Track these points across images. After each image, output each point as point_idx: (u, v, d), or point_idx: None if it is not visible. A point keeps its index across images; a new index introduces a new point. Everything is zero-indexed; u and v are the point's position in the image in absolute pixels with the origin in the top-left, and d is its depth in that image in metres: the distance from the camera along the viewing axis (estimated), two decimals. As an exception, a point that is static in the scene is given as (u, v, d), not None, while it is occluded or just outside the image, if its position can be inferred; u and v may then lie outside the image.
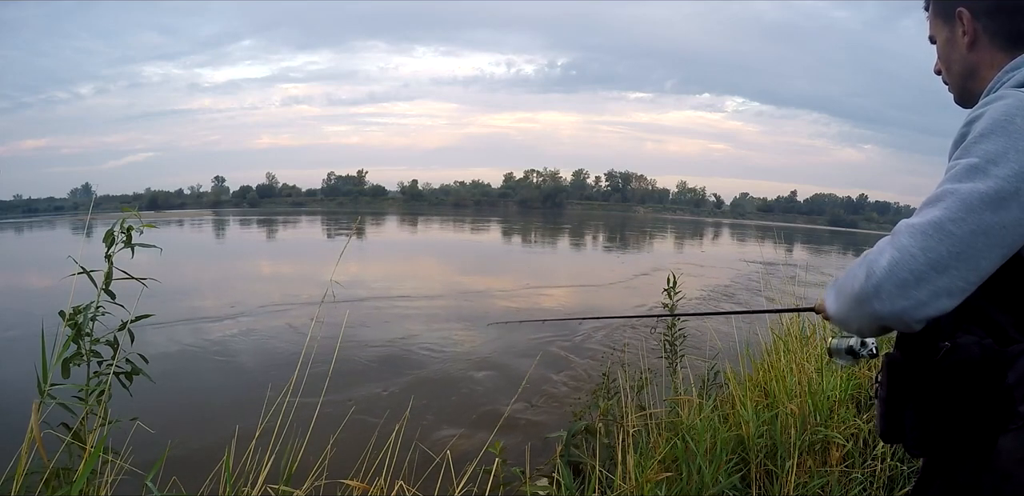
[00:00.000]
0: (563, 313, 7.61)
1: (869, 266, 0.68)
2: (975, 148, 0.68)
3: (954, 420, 0.75)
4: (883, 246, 0.69)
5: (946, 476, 0.79)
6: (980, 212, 0.64)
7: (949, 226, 0.64)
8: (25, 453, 1.24)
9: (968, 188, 0.65)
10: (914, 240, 0.65)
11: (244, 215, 52.06)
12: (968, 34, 0.83)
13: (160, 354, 5.08)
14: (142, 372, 1.56)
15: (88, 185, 77.55)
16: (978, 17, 0.82)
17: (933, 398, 0.76)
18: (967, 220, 0.64)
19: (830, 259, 17.72)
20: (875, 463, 2.18)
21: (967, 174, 0.66)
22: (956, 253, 0.64)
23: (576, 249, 20.93)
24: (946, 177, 0.69)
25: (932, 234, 0.65)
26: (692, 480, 2.02)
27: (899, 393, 0.81)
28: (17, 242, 24.82)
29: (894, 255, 0.66)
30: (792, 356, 3.04)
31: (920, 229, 0.65)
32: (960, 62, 0.86)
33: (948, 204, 0.65)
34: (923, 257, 0.64)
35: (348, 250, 2.08)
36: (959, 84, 0.88)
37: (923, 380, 0.77)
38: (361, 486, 1.59)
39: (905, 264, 0.65)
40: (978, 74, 0.85)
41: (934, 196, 0.68)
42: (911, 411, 0.80)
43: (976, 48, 0.84)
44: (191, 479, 1.74)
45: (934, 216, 0.65)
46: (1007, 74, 0.78)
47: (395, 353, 5.58)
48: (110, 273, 1.52)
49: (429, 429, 3.55)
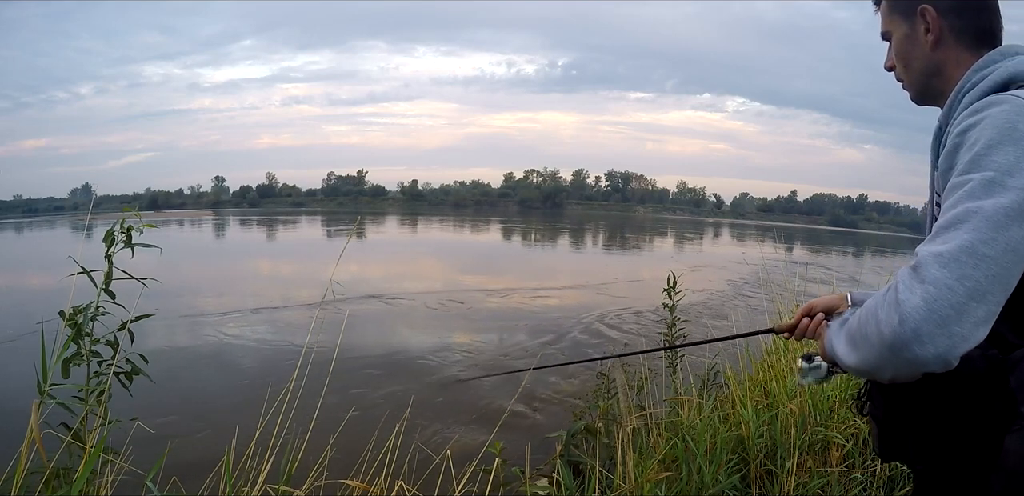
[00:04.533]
0: (563, 313, 7.60)
1: (901, 308, 0.60)
2: (986, 161, 0.64)
3: (958, 430, 0.74)
4: (907, 282, 0.62)
5: (950, 478, 0.78)
6: (1008, 228, 0.61)
7: (982, 249, 0.60)
8: (25, 453, 1.24)
9: (992, 205, 0.61)
10: (948, 271, 0.60)
11: (244, 215, 52.04)
12: (933, 32, 0.82)
13: (160, 354, 5.08)
14: (142, 372, 1.56)
15: (88, 185, 77.55)
16: (944, 15, 0.81)
17: (936, 414, 0.75)
18: (998, 239, 0.60)
19: (830, 259, 17.69)
20: (875, 463, 2.18)
21: (986, 190, 0.62)
22: (993, 276, 0.60)
23: (576, 249, 20.92)
24: (961, 194, 0.64)
25: (967, 261, 0.60)
26: (692, 480, 2.02)
27: (898, 414, 0.80)
28: (17, 242, 24.80)
29: (929, 291, 0.59)
30: (792, 356, 3.04)
31: (952, 257, 0.60)
32: (922, 59, 0.84)
33: (976, 225, 0.61)
34: (961, 288, 0.59)
35: (348, 250, 2.08)
36: (920, 82, 0.86)
37: (926, 398, 0.76)
38: (361, 486, 1.59)
39: (944, 299, 0.59)
40: (943, 72, 0.83)
41: (954, 217, 0.63)
42: (912, 430, 0.79)
43: (941, 46, 0.82)
44: (191, 479, 1.74)
45: (964, 240, 0.60)
46: (976, 73, 0.77)
47: (395, 353, 5.58)
48: (110, 273, 1.52)
49: (429, 429, 3.55)
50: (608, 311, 7.63)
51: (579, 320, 7.09)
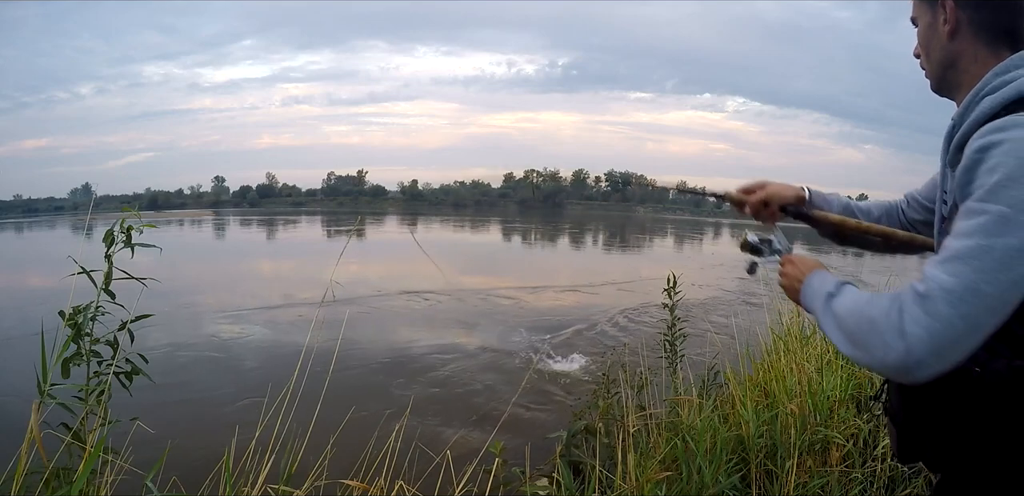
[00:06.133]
0: (562, 313, 7.61)
1: (908, 340, 0.66)
2: (1004, 194, 0.66)
3: (982, 437, 0.75)
4: (915, 313, 0.66)
5: (975, 486, 0.78)
6: (1014, 267, 0.64)
7: (986, 288, 0.64)
8: (25, 453, 1.24)
9: (1003, 245, 0.64)
10: (954, 309, 0.65)
11: (244, 215, 52.03)
12: (949, 23, 0.81)
13: (160, 354, 5.08)
14: (142, 372, 1.56)
15: (88, 185, 77.45)
16: (962, 7, 0.80)
17: (960, 421, 0.76)
18: (1002, 279, 0.64)
19: (831, 259, 17.68)
20: (875, 463, 2.18)
21: (999, 227, 0.65)
22: (991, 309, 0.65)
23: (576, 249, 20.91)
24: (976, 226, 0.67)
25: (971, 300, 0.65)
26: (692, 480, 2.02)
27: (920, 418, 0.81)
28: (17, 242, 24.80)
29: (935, 327, 0.65)
30: (792, 356, 3.04)
31: (958, 296, 0.65)
32: (940, 50, 0.84)
33: (983, 265, 0.65)
34: (962, 324, 0.65)
35: (348, 250, 2.08)
36: (937, 72, 0.87)
37: (951, 406, 0.76)
38: (361, 486, 1.59)
39: (947, 334, 0.65)
40: (958, 65, 0.83)
41: (966, 250, 0.66)
42: (934, 434, 0.79)
43: (957, 38, 0.82)
44: (191, 479, 1.74)
45: (970, 280, 0.65)
46: (997, 77, 0.76)
47: (395, 353, 5.59)
48: (110, 273, 1.52)
49: (429, 429, 3.55)
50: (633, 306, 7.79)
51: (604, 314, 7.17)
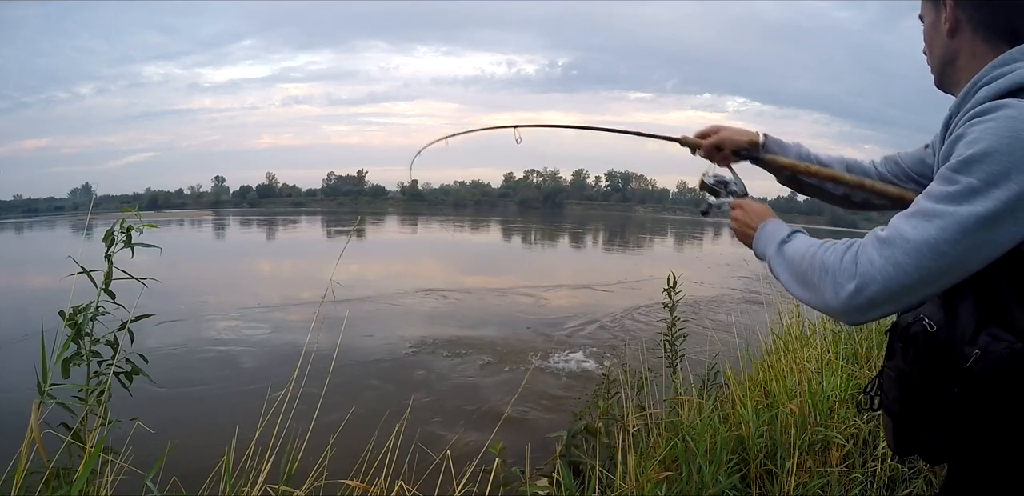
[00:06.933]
0: (564, 312, 7.62)
1: (860, 280, 0.70)
2: (977, 167, 0.67)
3: (982, 426, 0.73)
4: (872, 254, 0.71)
5: (982, 477, 0.78)
6: (975, 234, 0.67)
7: (944, 247, 0.67)
8: (25, 453, 1.24)
9: (966, 212, 0.67)
10: (909, 258, 0.68)
11: (244, 215, 52.07)
12: (949, 22, 0.83)
13: (160, 354, 5.08)
14: (142, 372, 1.56)
15: (88, 185, 77.63)
16: (962, 7, 0.82)
17: (958, 409, 0.74)
18: (962, 242, 0.67)
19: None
20: (875, 463, 2.18)
21: (966, 196, 0.67)
22: (947, 268, 0.68)
23: (576, 249, 20.92)
24: (944, 193, 0.69)
25: (927, 254, 0.68)
26: (692, 480, 2.02)
27: (917, 408, 0.80)
28: (17, 242, 24.80)
29: (887, 271, 0.69)
30: (792, 356, 3.04)
31: (915, 247, 0.68)
32: (941, 48, 0.86)
33: (945, 226, 0.67)
34: (916, 274, 0.68)
35: (348, 250, 2.08)
36: (938, 68, 0.88)
37: (948, 393, 0.75)
38: (361, 486, 1.59)
39: (899, 280, 0.69)
40: (957, 62, 0.84)
41: (932, 211, 0.69)
42: (931, 425, 0.78)
43: (957, 36, 0.83)
44: (191, 479, 1.74)
45: (929, 235, 0.68)
46: (995, 69, 0.77)
47: (395, 353, 5.58)
48: (110, 273, 1.52)
49: (429, 429, 3.55)
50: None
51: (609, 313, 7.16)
